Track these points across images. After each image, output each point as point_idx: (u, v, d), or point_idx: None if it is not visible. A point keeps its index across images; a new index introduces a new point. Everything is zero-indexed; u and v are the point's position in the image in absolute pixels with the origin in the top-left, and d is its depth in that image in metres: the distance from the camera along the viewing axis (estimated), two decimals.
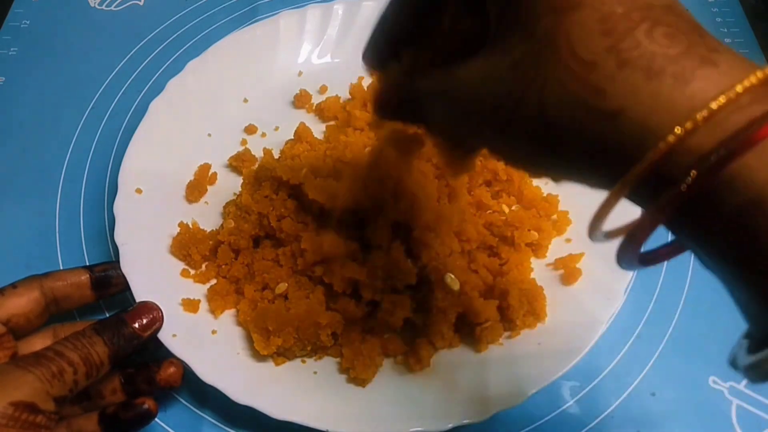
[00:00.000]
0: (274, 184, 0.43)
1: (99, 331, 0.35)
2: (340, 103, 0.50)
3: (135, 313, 0.37)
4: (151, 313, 0.38)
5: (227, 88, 0.50)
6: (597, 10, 0.19)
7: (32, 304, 0.37)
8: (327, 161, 0.43)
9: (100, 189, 0.49)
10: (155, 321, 0.38)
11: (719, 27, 0.58)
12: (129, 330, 0.36)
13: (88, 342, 0.34)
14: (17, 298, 0.36)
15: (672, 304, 0.43)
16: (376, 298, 0.39)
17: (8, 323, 0.36)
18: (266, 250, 0.42)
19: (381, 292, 0.39)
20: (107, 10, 0.59)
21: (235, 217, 0.43)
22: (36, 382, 0.31)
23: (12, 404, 0.29)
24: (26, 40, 0.57)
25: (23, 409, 0.30)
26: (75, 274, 0.39)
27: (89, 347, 0.34)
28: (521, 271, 0.41)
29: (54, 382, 0.31)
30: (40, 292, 0.37)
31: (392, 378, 0.39)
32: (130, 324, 0.37)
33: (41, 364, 0.31)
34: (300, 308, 0.39)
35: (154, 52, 0.56)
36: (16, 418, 0.29)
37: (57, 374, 0.32)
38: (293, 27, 0.52)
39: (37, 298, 0.37)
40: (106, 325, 0.36)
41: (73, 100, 0.53)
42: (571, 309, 0.40)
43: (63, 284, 0.38)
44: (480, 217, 0.43)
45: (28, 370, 0.31)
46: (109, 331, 0.35)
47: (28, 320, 0.37)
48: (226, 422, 0.39)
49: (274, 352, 0.38)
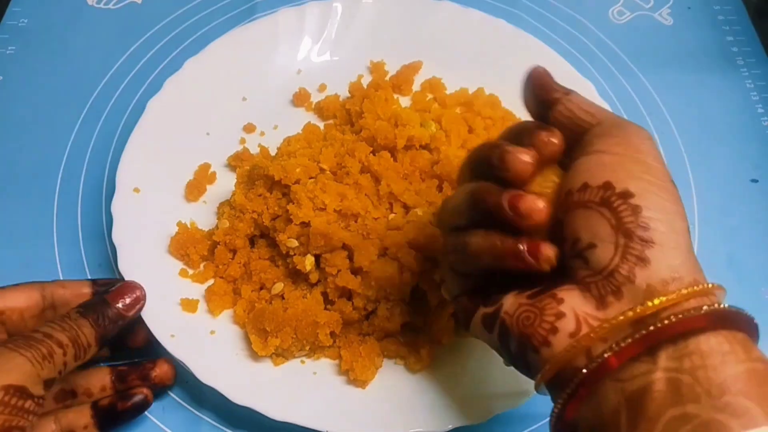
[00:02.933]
0: (268, 183, 0.42)
1: (84, 313, 0.35)
2: (340, 102, 0.50)
3: (117, 294, 0.37)
4: (134, 293, 0.38)
5: (226, 86, 0.50)
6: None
7: (29, 302, 0.36)
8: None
9: (97, 188, 0.48)
10: (138, 300, 0.38)
11: (721, 26, 0.58)
12: (113, 311, 0.36)
13: (75, 324, 0.34)
14: (16, 294, 0.36)
15: None
16: (369, 308, 0.39)
17: (3, 314, 0.36)
18: (262, 250, 0.42)
19: (374, 303, 0.39)
20: (105, 9, 0.59)
21: (229, 216, 0.43)
22: (27, 365, 0.30)
23: (2, 388, 0.29)
24: (24, 38, 0.57)
25: (13, 394, 0.29)
26: (79, 285, 0.39)
27: (77, 329, 0.34)
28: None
29: (45, 363, 0.31)
30: (40, 295, 0.37)
31: (392, 379, 0.39)
32: (113, 305, 0.36)
33: (30, 345, 0.31)
34: (297, 308, 0.38)
35: (152, 51, 0.56)
36: (6, 403, 0.29)
37: (47, 356, 0.31)
38: (292, 25, 0.52)
39: (35, 298, 0.37)
40: (90, 307, 0.36)
41: (71, 98, 0.53)
42: None
43: (64, 291, 0.38)
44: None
45: (19, 352, 0.30)
46: (94, 312, 0.35)
47: (21, 318, 0.36)
48: (225, 423, 0.39)
49: (272, 352, 0.38)
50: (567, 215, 0.27)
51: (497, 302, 0.29)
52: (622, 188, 0.26)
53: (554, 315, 0.26)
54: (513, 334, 0.27)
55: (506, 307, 0.28)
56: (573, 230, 0.27)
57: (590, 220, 0.26)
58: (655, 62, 0.55)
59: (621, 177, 0.26)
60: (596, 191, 0.26)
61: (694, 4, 0.60)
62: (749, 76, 0.55)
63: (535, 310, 0.27)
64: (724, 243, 0.46)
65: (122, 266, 0.40)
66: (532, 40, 0.51)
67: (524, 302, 0.27)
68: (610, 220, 0.25)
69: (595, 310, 0.25)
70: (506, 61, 0.50)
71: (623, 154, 0.27)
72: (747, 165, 0.50)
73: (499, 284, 0.29)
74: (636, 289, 0.25)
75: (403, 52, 0.52)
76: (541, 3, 0.59)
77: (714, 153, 0.51)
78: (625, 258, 0.25)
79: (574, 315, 0.26)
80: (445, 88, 0.51)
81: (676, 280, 0.24)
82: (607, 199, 0.26)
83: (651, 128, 0.52)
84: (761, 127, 0.52)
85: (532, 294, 0.28)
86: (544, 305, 0.27)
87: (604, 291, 0.25)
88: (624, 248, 0.25)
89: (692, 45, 0.57)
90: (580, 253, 0.26)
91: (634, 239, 0.25)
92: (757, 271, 0.45)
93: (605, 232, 0.25)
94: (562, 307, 0.26)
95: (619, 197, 0.26)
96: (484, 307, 0.29)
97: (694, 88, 0.54)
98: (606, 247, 0.25)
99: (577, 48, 0.56)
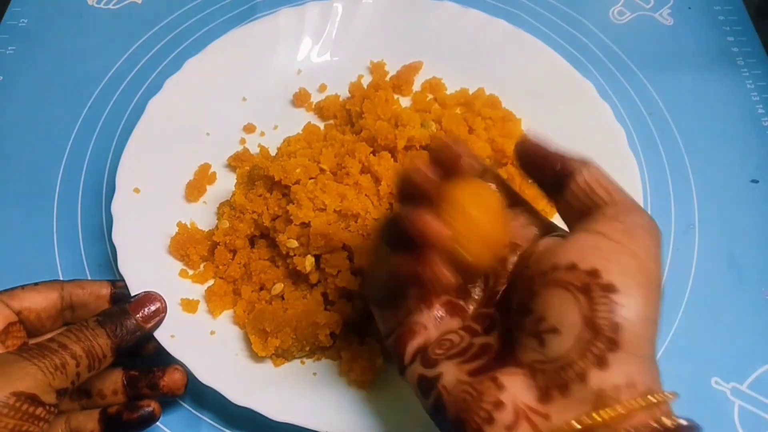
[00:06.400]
0: (268, 183, 0.42)
1: (102, 322, 0.35)
2: (340, 102, 0.50)
3: (138, 304, 0.37)
4: (155, 304, 0.37)
5: (226, 86, 0.50)
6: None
7: (47, 303, 0.36)
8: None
9: (97, 188, 0.48)
10: (159, 312, 0.37)
11: (722, 26, 0.58)
12: (132, 322, 0.36)
13: (91, 334, 0.34)
14: (35, 294, 0.36)
15: (675, 304, 0.43)
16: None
17: (19, 314, 0.35)
18: (262, 250, 0.42)
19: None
20: (105, 9, 0.59)
21: (229, 217, 0.43)
22: (39, 374, 0.30)
23: (14, 394, 0.29)
24: (24, 38, 0.57)
25: (24, 400, 0.29)
26: (98, 286, 0.38)
27: (92, 339, 0.33)
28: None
29: (57, 374, 0.31)
30: (59, 295, 0.37)
31: (392, 379, 0.39)
32: (133, 315, 0.36)
33: (44, 355, 0.31)
34: (297, 308, 0.38)
35: (152, 51, 0.56)
36: (17, 409, 0.29)
37: (60, 366, 0.31)
38: (292, 25, 0.52)
39: (53, 299, 0.37)
40: (109, 316, 0.35)
41: (71, 98, 0.53)
42: None
43: (83, 292, 0.38)
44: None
45: (32, 362, 0.31)
46: (112, 322, 0.35)
47: (39, 318, 0.36)
48: (225, 423, 0.39)
49: (272, 353, 0.38)
50: (542, 289, 0.26)
51: (435, 367, 0.28)
52: (608, 280, 0.24)
53: (493, 403, 0.25)
54: (449, 412, 0.26)
55: (446, 381, 0.27)
56: (541, 307, 0.25)
57: (563, 302, 0.25)
58: (655, 62, 0.55)
59: (611, 268, 0.24)
60: (580, 275, 0.25)
61: (695, 4, 0.60)
62: (749, 77, 0.55)
63: (473, 392, 0.26)
64: (724, 243, 0.46)
65: (122, 266, 0.40)
66: (532, 40, 0.51)
67: (464, 380, 0.26)
68: (582, 309, 0.24)
69: (537, 401, 0.24)
70: (506, 61, 0.50)
71: (622, 243, 0.25)
72: (747, 165, 0.50)
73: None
74: (586, 390, 0.23)
75: (403, 52, 0.52)
76: (541, 3, 0.59)
77: (714, 153, 0.51)
78: (584, 355, 0.23)
79: (514, 406, 0.24)
80: (446, 88, 0.50)
81: (630, 387, 0.23)
82: (588, 287, 0.24)
83: (651, 128, 0.52)
84: (761, 128, 0.52)
85: (473, 370, 0.27)
86: (483, 389, 0.25)
87: (551, 383, 0.24)
88: (586, 344, 0.24)
89: (692, 45, 0.57)
90: (539, 334, 0.25)
91: (600, 338, 0.23)
92: (757, 272, 0.45)
93: (573, 320, 0.24)
94: (502, 395, 0.25)
95: (602, 289, 0.24)
96: (422, 366, 0.28)
97: (694, 88, 0.54)
98: (568, 336, 0.24)
99: (577, 48, 0.56)
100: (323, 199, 0.40)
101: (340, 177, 0.42)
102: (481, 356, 0.27)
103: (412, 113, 0.44)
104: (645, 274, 0.25)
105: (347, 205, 0.40)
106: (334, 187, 0.41)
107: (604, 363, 0.23)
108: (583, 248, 0.26)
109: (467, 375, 0.27)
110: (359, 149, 0.42)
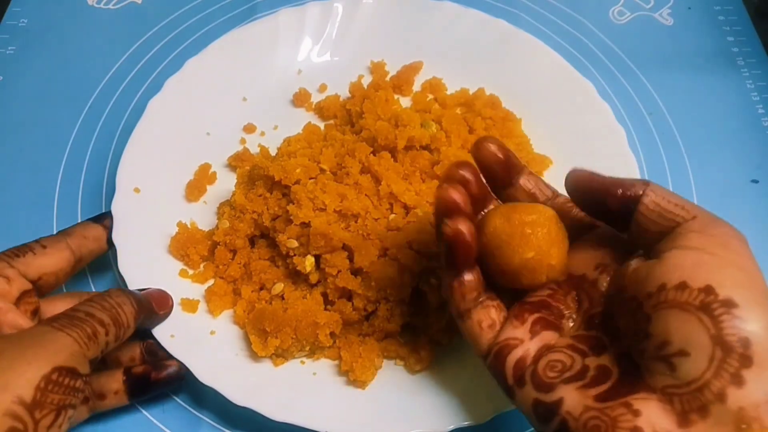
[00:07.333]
0: (268, 183, 0.42)
1: (125, 291, 0.36)
2: (340, 102, 0.50)
3: (149, 292, 0.39)
4: (164, 296, 0.39)
5: (226, 86, 0.50)
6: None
7: (63, 263, 0.37)
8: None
9: (98, 188, 0.48)
10: (167, 299, 0.39)
11: (722, 26, 0.58)
12: (147, 299, 0.37)
13: (116, 302, 0.34)
14: (48, 257, 0.36)
15: None
16: (369, 308, 0.39)
17: (38, 281, 0.36)
18: (262, 250, 0.42)
19: (374, 303, 0.39)
20: (105, 9, 0.59)
21: (229, 217, 0.43)
22: (74, 345, 0.30)
23: (56, 369, 0.29)
24: (24, 38, 0.57)
25: (65, 374, 0.29)
26: (92, 228, 0.40)
27: (117, 307, 0.34)
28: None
29: (90, 344, 0.31)
30: (70, 252, 0.37)
31: (392, 379, 0.39)
32: (146, 297, 0.37)
33: (75, 325, 0.31)
34: (297, 308, 0.38)
35: (152, 51, 0.56)
36: (60, 384, 0.29)
37: (92, 336, 0.31)
38: (292, 25, 0.52)
39: (68, 257, 0.37)
40: (128, 291, 0.36)
41: (71, 98, 0.53)
42: None
43: (86, 242, 0.39)
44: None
45: (66, 332, 0.31)
46: (131, 293, 0.36)
47: (57, 279, 0.37)
48: (225, 424, 0.39)
49: (272, 353, 0.38)
50: (657, 312, 0.25)
51: (552, 391, 0.27)
52: (726, 296, 0.24)
53: (630, 429, 0.24)
54: None
55: (569, 406, 0.26)
56: (663, 331, 0.24)
57: (685, 324, 0.24)
58: (655, 62, 0.55)
59: (724, 283, 0.24)
60: (696, 294, 0.24)
61: (695, 5, 0.60)
62: (749, 77, 0.55)
63: (606, 419, 0.24)
64: None
65: (122, 266, 0.40)
66: (532, 40, 0.51)
67: (592, 405, 0.25)
68: (709, 329, 0.23)
69: (677, 426, 0.23)
70: (506, 61, 0.50)
71: (723, 257, 0.25)
72: (747, 165, 0.50)
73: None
74: (726, 410, 0.23)
75: (403, 52, 0.52)
76: (541, 3, 0.59)
77: (714, 153, 0.51)
78: (719, 374, 0.23)
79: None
80: (446, 88, 0.50)
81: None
82: (708, 305, 0.24)
83: (651, 128, 0.52)
84: (761, 128, 0.52)
85: (600, 395, 0.25)
86: (617, 415, 0.24)
87: (689, 407, 0.23)
88: (720, 363, 0.23)
89: (692, 45, 0.57)
90: (666, 358, 0.24)
91: (732, 355, 0.23)
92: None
93: (701, 340, 0.23)
94: (639, 421, 0.24)
95: (722, 305, 0.23)
96: (536, 390, 0.27)
97: (694, 88, 0.54)
98: (700, 357, 0.23)
99: (577, 48, 0.56)
100: (323, 199, 0.40)
101: (340, 177, 0.42)
102: (603, 381, 0.26)
103: (412, 113, 0.44)
104: (757, 285, 0.25)
105: (347, 205, 0.40)
106: (334, 187, 0.41)
107: (741, 381, 0.23)
108: (685, 266, 0.25)
109: (593, 401, 0.26)
110: (359, 149, 0.42)
